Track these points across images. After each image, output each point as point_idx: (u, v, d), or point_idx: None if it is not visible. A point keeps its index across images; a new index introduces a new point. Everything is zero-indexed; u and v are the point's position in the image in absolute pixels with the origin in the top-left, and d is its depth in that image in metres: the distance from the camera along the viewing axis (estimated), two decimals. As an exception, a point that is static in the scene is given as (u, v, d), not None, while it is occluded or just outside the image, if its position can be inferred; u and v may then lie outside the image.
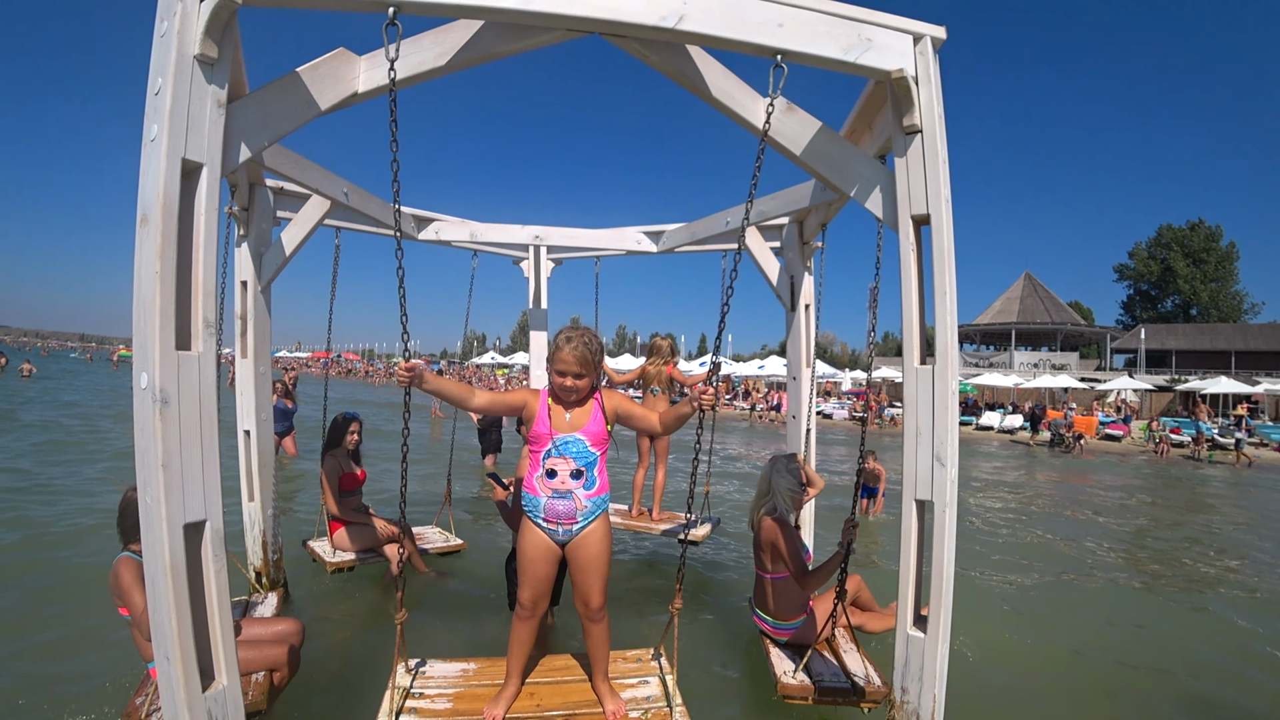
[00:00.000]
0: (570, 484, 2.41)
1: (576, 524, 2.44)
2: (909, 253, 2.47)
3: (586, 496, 2.43)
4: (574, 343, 2.40)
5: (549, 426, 2.43)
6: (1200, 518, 10.35)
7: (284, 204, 4.62)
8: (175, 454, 1.94)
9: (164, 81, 1.98)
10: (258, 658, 3.00)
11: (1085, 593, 5.93)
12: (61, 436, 11.61)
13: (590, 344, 2.42)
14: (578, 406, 2.48)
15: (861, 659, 3.26)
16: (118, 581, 2.70)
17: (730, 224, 4.70)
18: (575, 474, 2.42)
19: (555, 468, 2.41)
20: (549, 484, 2.42)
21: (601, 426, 2.47)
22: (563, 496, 2.41)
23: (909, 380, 2.45)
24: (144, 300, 1.93)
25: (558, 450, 2.41)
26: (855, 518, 3.20)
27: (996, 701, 3.57)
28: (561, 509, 2.41)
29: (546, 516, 2.42)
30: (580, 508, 2.42)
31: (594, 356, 2.43)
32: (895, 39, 2.45)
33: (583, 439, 2.43)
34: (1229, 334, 43.35)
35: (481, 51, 2.40)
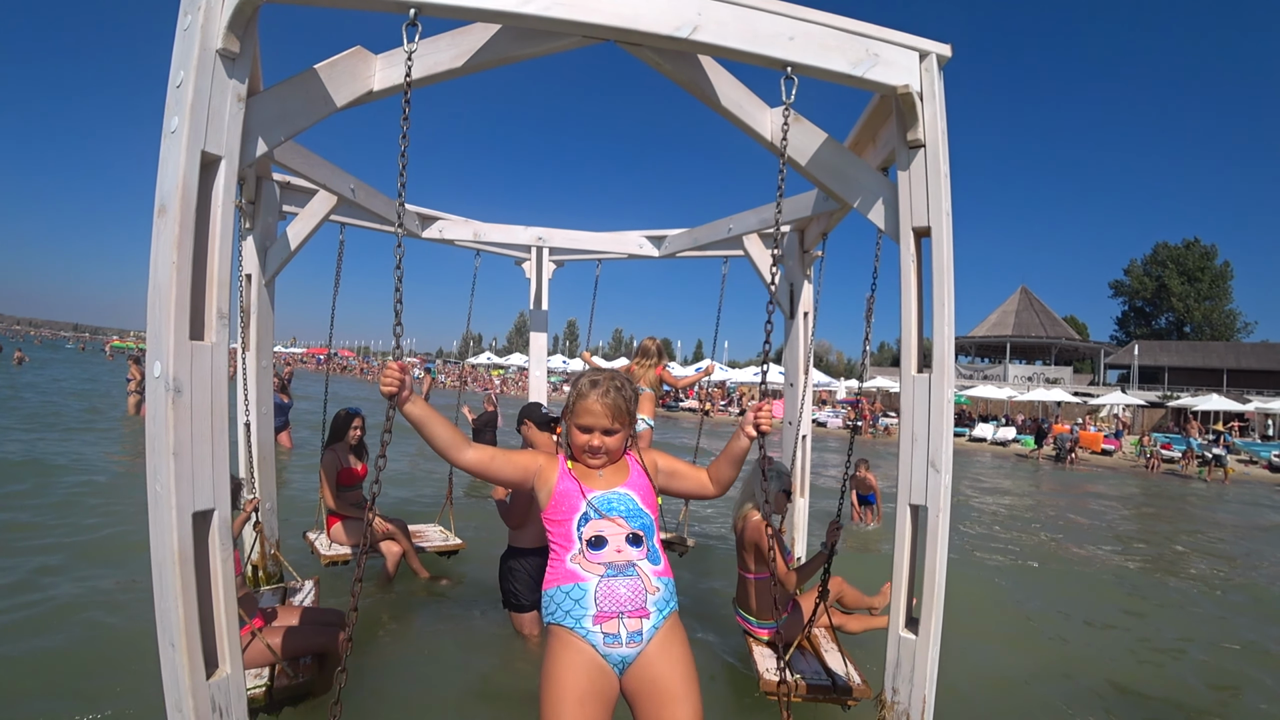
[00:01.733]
0: (631, 554, 1.77)
1: (648, 620, 1.73)
2: (909, 264, 2.52)
3: (656, 574, 1.79)
4: (602, 388, 1.88)
5: (578, 484, 1.87)
6: (1171, 526, 10.47)
7: (290, 198, 4.66)
8: (186, 443, 1.96)
9: (186, 75, 2.02)
10: (304, 644, 3.09)
11: (1076, 594, 5.99)
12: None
13: (624, 390, 1.92)
14: (608, 464, 1.95)
15: (842, 658, 3.31)
16: None
17: (733, 230, 4.75)
18: (633, 540, 1.80)
19: (602, 533, 1.79)
20: (596, 557, 1.75)
21: (648, 483, 1.93)
22: (623, 572, 1.74)
23: (906, 388, 2.50)
24: (160, 290, 1.96)
25: (597, 510, 1.82)
26: (840, 520, 3.26)
27: (985, 702, 3.62)
28: (625, 593, 1.72)
29: (602, 612, 1.70)
30: (651, 590, 1.75)
31: (628, 405, 1.92)
32: (902, 55, 2.51)
33: (630, 495, 1.86)
34: (1221, 352, 43.65)
35: (498, 55, 2.44)
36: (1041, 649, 4.58)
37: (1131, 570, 7.33)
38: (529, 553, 3.96)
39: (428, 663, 3.71)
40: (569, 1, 2.15)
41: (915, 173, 2.52)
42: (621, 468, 1.95)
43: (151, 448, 1.98)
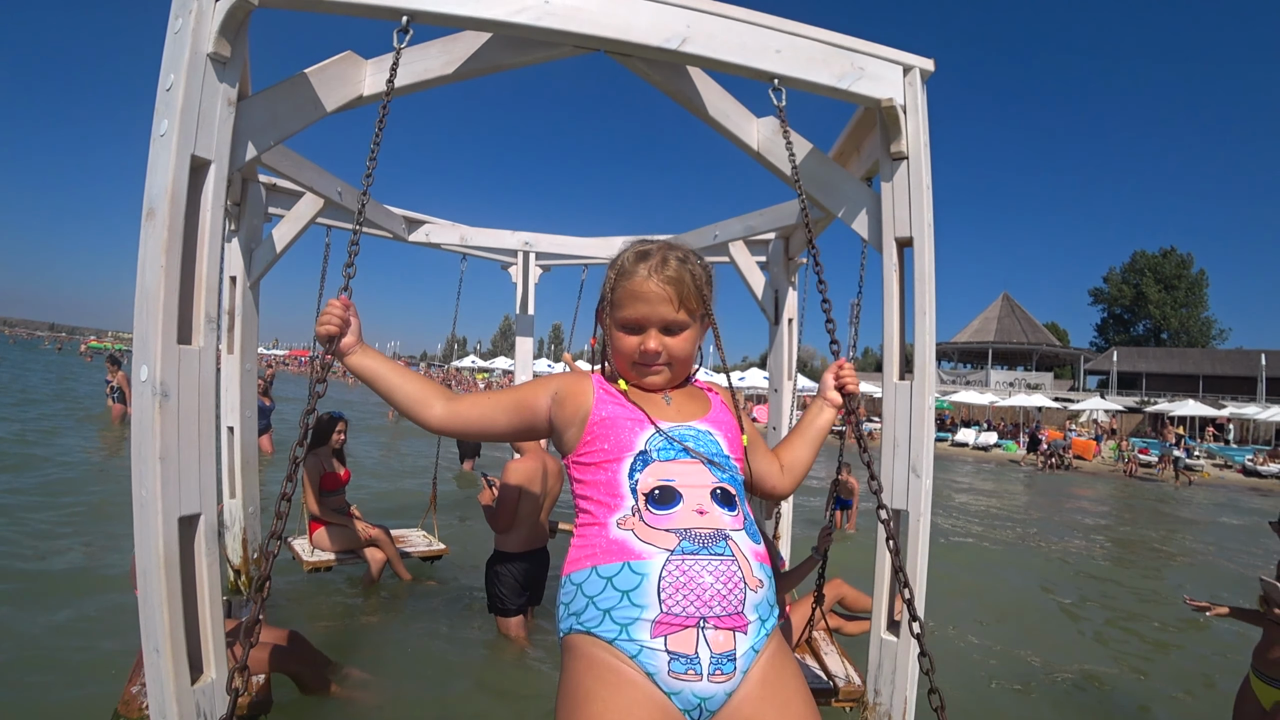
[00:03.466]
0: (720, 517, 1.14)
1: (746, 636, 1.09)
2: (892, 273, 2.57)
3: (756, 555, 1.15)
4: (656, 258, 1.28)
5: (632, 407, 1.26)
6: (1135, 528, 10.68)
7: (276, 200, 4.64)
8: (173, 447, 1.96)
9: (176, 78, 2.02)
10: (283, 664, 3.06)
11: (1060, 594, 6.09)
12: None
13: (688, 262, 1.31)
14: (678, 390, 1.35)
15: (841, 660, 3.35)
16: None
17: (719, 237, 4.79)
18: (722, 497, 1.18)
19: (672, 483, 1.16)
20: (667, 520, 1.12)
21: (734, 423, 1.33)
22: (709, 547, 1.10)
23: (888, 395, 2.54)
24: (147, 293, 1.96)
25: (664, 448, 1.20)
26: (831, 526, 3.30)
27: (968, 703, 3.68)
28: (710, 583, 1.07)
29: (669, 615, 1.05)
30: (753, 584, 1.12)
31: (698, 285, 1.30)
32: (886, 69, 2.56)
33: (713, 433, 1.27)
34: (1197, 358, 44.50)
35: (488, 62, 2.46)
36: (1028, 649, 4.65)
37: (1104, 565, 7.46)
38: (515, 557, 3.97)
39: (412, 665, 3.70)
40: (560, 12, 2.17)
41: (898, 184, 2.57)
42: (695, 396, 1.36)
43: (137, 452, 1.98)
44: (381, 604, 4.60)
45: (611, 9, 2.21)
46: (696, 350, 1.35)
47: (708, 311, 1.34)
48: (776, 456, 1.49)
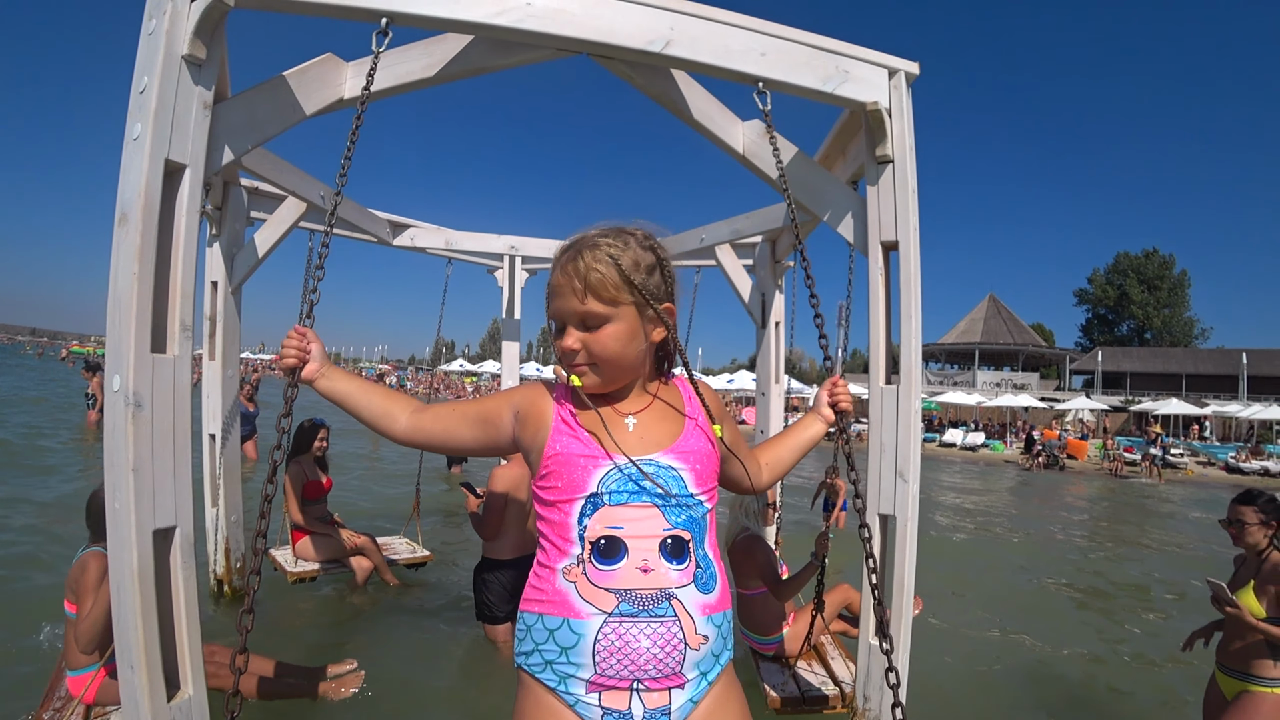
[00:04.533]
0: (666, 573, 1.09)
1: (683, 692, 1.09)
2: (878, 277, 2.56)
3: (704, 609, 1.11)
4: (570, 250, 1.17)
5: (584, 438, 1.15)
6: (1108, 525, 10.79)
7: (258, 204, 4.58)
8: (147, 459, 1.91)
9: (150, 80, 1.97)
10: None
11: (1050, 595, 6.12)
12: None
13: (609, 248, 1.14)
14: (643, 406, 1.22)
15: (847, 664, 3.34)
16: (83, 574, 2.60)
17: (705, 240, 4.78)
18: (671, 549, 1.11)
19: (617, 532, 1.10)
20: (608, 576, 1.08)
21: (707, 444, 1.22)
22: (649, 610, 1.07)
23: (874, 399, 2.53)
24: (120, 301, 1.91)
25: (619, 489, 1.12)
26: (830, 531, 3.28)
27: (958, 708, 3.68)
28: (645, 648, 1.06)
29: (603, 676, 1.06)
30: (693, 644, 1.09)
31: (622, 272, 1.13)
32: (871, 72, 2.55)
33: (676, 466, 1.16)
34: (1180, 358, 45.05)
35: (470, 65, 2.43)
36: (1017, 652, 4.66)
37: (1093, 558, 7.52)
38: (504, 565, 3.93)
39: (399, 675, 3.65)
40: (542, 14, 2.15)
41: (884, 188, 2.56)
42: (666, 414, 1.22)
43: (110, 464, 1.93)
44: (367, 612, 4.55)
45: (594, 11, 2.19)
46: (639, 347, 1.17)
47: (646, 300, 1.14)
48: (759, 455, 1.47)
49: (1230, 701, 2.66)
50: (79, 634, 2.58)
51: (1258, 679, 2.57)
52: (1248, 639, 2.59)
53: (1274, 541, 2.63)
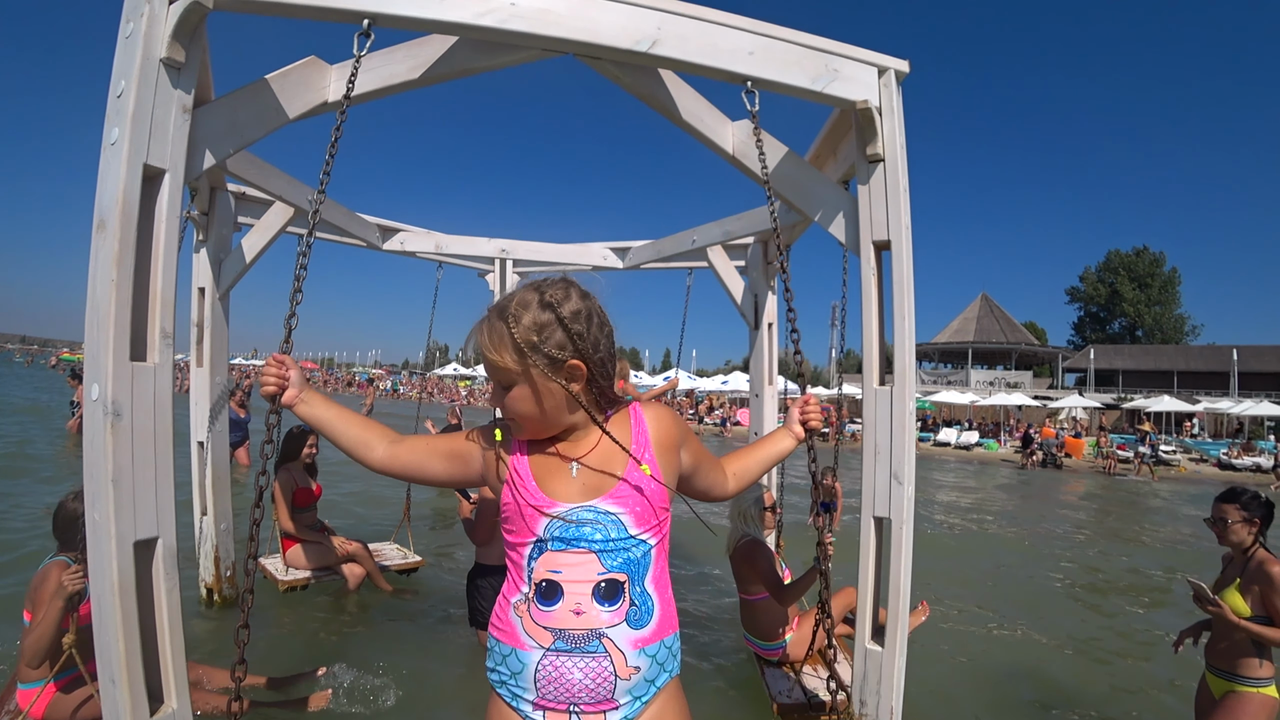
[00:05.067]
0: (596, 615, 1.18)
1: (616, 711, 1.19)
2: (870, 277, 2.55)
3: (635, 644, 1.19)
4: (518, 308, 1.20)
5: (533, 488, 1.23)
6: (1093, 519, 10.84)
7: (246, 210, 4.53)
8: (127, 469, 1.88)
9: (127, 84, 1.94)
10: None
11: (1048, 591, 6.11)
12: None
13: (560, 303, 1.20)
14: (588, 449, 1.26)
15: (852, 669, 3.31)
16: (42, 584, 2.48)
17: (696, 242, 4.76)
18: (606, 592, 1.19)
19: (556, 576, 1.19)
20: (546, 618, 1.18)
21: (654, 484, 1.24)
22: (580, 648, 1.17)
23: (868, 400, 2.51)
24: (98, 308, 1.88)
25: (560, 536, 1.19)
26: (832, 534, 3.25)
27: (958, 707, 3.66)
28: (578, 680, 1.16)
29: (544, 699, 1.18)
30: (624, 675, 1.18)
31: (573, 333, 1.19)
32: (861, 71, 2.54)
33: (614, 512, 1.21)
34: (1171, 355, 45.29)
35: (455, 67, 2.40)
36: (1015, 654, 4.65)
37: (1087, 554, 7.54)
38: (497, 570, 3.89)
39: (392, 681, 3.60)
40: (526, 14, 2.13)
41: (875, 187, 2.54)
42: (610, 455, 1.24)
43: (89, 474, 1.89)
44: (360, 618, 4.50)
45: (580, 11, 2.16)
46: (553, 402, 1.21)
47: (553, 363, 1.18)
48: (727, 464, 1.55)
49: (1218, 700, 2.64)
50: (24, 646, 2.47)
51: (1243, 679, 2.55)
52: (1234, 639, 2.58)
53: (1259, 539, 2.62)
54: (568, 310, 1.19)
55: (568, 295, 1.22)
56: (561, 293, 1.21)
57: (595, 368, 1.22)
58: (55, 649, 2.38)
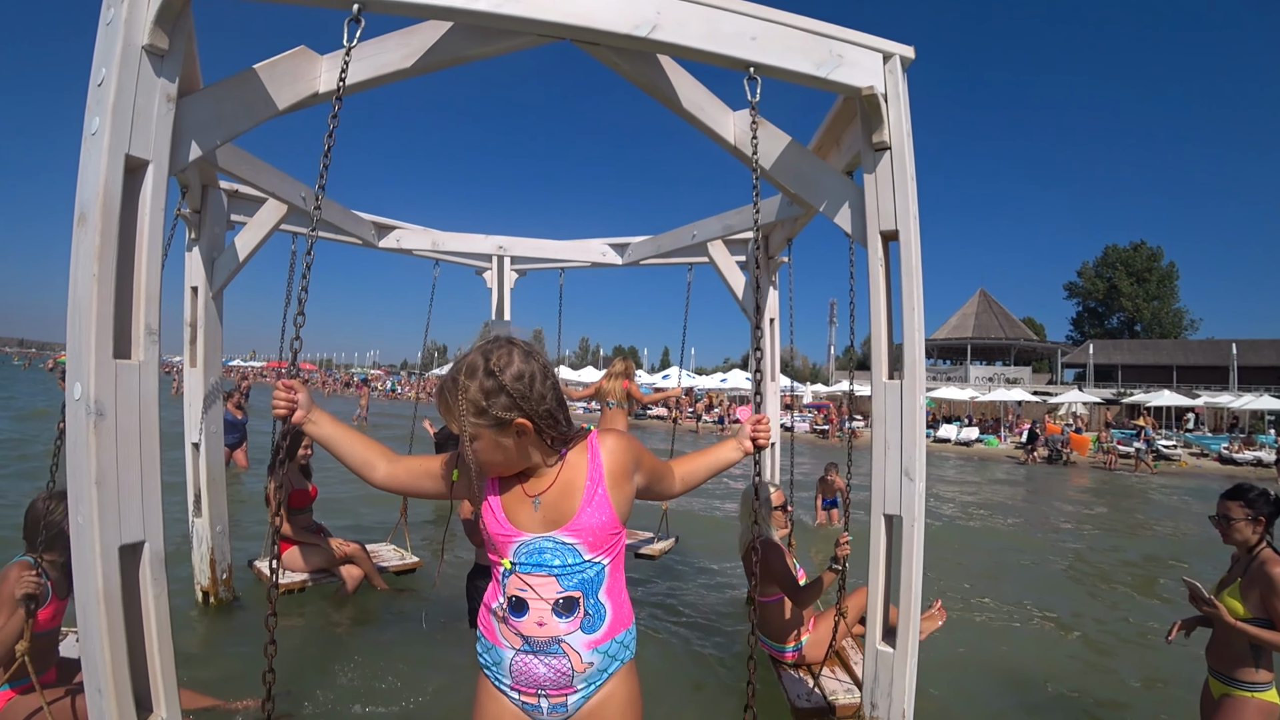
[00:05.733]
0: (555, 626, 1.38)
1: (574, 695, 1.43)
2: (878, 268, 2.48)
3: (589, 645, 1.41)
4: (464, 376, 1.36)
5: (503, 520, 1.42)
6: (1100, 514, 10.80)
7: (239, 207, 4.46)
8: (111, 470, 1.81)
9: (108, 72, 1.87)
10: None
11: (1059, 591, 6.05)
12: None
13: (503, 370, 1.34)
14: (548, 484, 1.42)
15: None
16: (2, 585, 2.34)
17: (696, 237, 4.70)
18: (563, 607, 1.39)
19: (523, 594, 1.39)
20: (517, 625, 1.39)
21: (607, 513, 1.41)
22: (544, 650, 1.39)
23: (877, 395, 2.45)
24: (79, 304, 1.81)
25: (526, 561, 1.39)
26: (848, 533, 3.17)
27: (968, 712, 3.60)
28: (543, 672, 1.40)
29: (518, 683, 1.42)
30: (579, 667, 1.40)
31: (514, 393, 1.33)
32: (866, 57, 2.47)
33: (570, 543, 1.39)
34: (1170, 349, 45.27)
35: (449, 54, 2.33)
36: (1025, 654, 4.59)
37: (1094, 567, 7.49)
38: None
39: (392, 683, 3.54)
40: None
41: (881, 175, 2.48)
42: (567, 490, 1.41)
43: (73, 476, 1.83)
44: (359, 619, 4.43)
45: (577, -6, 2.10)
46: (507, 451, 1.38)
47: (500, 424, 1.34)
48: (676, 467, 1.73)
49: (1217, 702, 2.57)
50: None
51: (1240, 683, 2.47)
52: (1231, 641, 2.49)
53: (1265, 538, 2.53)
54: (509, 376, 1.34)
55: (510, 360, 1.36)
56: (505, 358, 1.36)
57: (540, 420, 1.37)
58: (8, 654, 2.26)
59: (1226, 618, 2.45)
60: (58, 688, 2.45)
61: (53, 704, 2.31)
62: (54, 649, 2.58)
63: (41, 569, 2.38)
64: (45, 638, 2.45)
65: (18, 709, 2.38)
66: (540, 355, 1.42)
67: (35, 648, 2.29)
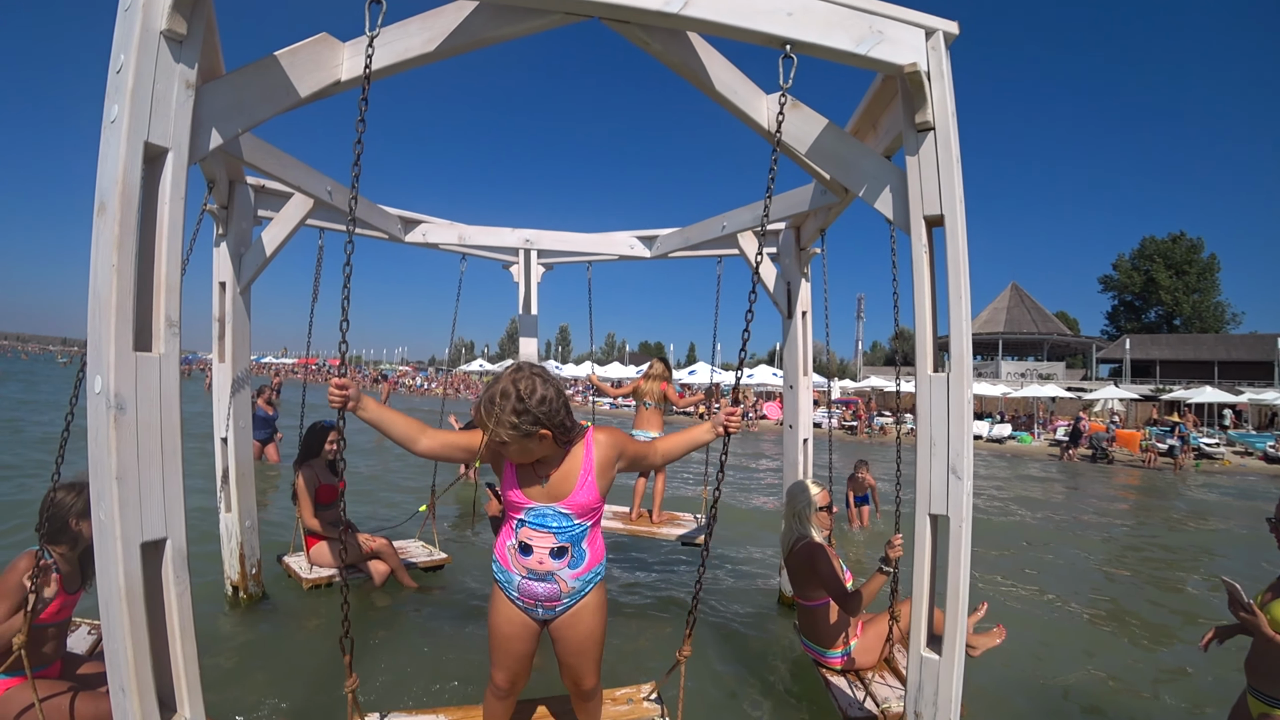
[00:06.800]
0: (550, 564, 1.95)
1: (561, 604, 2.01)
2: (922, 255, 2.35)
3: (573, 576, 1.98)
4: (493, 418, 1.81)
5: (519, 491, 1.95)
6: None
7: (265, 202, 4.46)
8: (132, 466, 1.77)
9: (126, 59, 1.83)
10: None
11: (1115, 595, 5.84)
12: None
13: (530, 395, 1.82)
14: (554, 469, 1.95)
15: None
16: (9, 573, 2.32)
17: (726, 228, 4.58)
18: (557, 553, 1.95)
19: (530, 542, 1.94)
20: (524, 561, 1.96)
21: (594, 496, 1.97)
22: (541, 579, 1.96)
23: (922, 389, 2.32)
24: (99, 296, 1.77)
25: (532, 521, 1.94)
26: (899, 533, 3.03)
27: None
28: (541, 591, 1.97)
29: (522, 596, 2.00)
30: (565, 590, 1.98)
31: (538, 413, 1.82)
32: (907, 32, 2.35)
33: (565, 512, 1.94)
34: (1211, 344, 43.82)
35: (473, 36, 2.26)
36: (1071, 658, 4.42)
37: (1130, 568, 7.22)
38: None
39: (422, 680, 3.51)
40: (549, -26, 1.97)
41: (925, 157, 2.35)
42: (567, 475, 1.95)
43: (94, 472, 1.79)
44: (387, 616, 4.41)
45: (606, -31, 2.00)
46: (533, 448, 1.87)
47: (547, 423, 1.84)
48: (659, 444, 2.24)
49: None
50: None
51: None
52: (1271, 655, 2.30)
53: None
54: (534, 401, 1.82)
55: (534, 388, 1.83)
56: (530, 386, 1.83)
57: (556, 429, 1.87)
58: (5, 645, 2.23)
59: (1265, 629, 2.26)
60: (60, 682, 2.41)
61: (48, 699, 2.27)
62: (60, 642, 2.56)
63: (52, 561, 2.37)
64: (50, 630, 2.43)
65: (13, 701, 2.35)
66: (554, 381, 1.89)
67: (38, 640, 2.27)
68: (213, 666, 3.49)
